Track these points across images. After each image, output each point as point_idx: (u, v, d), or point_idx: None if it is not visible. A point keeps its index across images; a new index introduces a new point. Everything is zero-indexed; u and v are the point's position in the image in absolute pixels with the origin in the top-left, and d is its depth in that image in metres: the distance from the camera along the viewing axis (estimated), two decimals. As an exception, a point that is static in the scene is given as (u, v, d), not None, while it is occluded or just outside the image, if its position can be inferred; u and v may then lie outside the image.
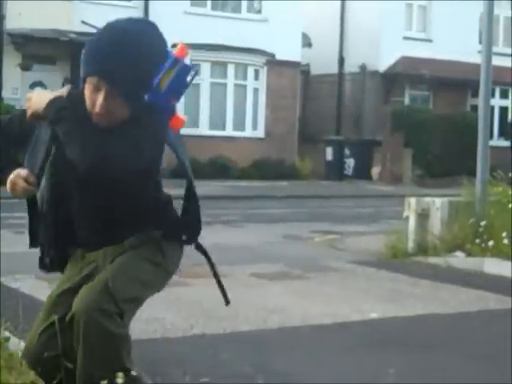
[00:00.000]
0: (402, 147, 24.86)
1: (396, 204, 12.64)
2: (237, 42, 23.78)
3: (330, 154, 25.91)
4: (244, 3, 25.18)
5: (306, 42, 26.80)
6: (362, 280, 8.22)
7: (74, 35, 21.46)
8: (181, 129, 3.18)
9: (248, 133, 24.92)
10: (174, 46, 3.08)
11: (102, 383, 2.92)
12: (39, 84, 22.29)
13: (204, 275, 7.31)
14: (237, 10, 24.98)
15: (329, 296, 7.30)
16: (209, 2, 24.56)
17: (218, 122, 24.39)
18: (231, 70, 24.56)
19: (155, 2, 22.98)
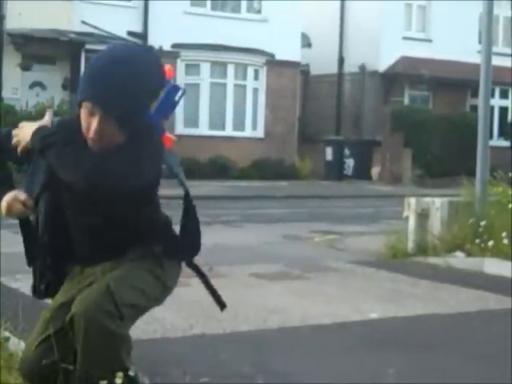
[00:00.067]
0: (401, 147, 24.86)
1: (396, 204, 12.63)
2: (236, 42, 23.78)
3: (329, 154, 25.91)
4: (244, 3, 25.17)
5: (305, 42, 26.80)
6: (362, 280, 8.22)
7: (73, 35, 21.47)
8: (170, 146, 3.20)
9: (248, 133, 24.91)
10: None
11: (101, 383, 2.92)
12: (39, 84, 22.31)
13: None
14: (236, 10, 24.97)
15: (328, 296, 7.30)
16: (208, 2, 24.54)
17: (217, 122, 24.39)
18: (231, 70, 24.55)
19: (155, 2, 22.97)
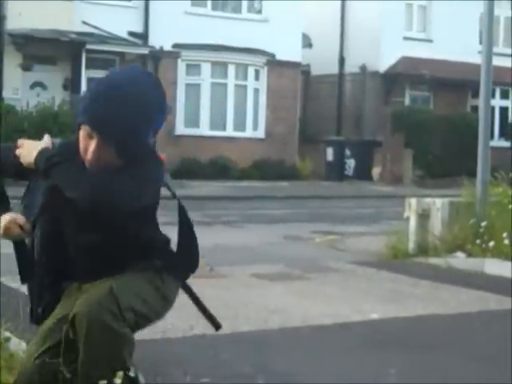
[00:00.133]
0: (402, 148, 24.86)
1: (396, 204, 12.63)
2: (237, 42, 23.78)
3: (330, 154, 25.91)
4: (244, 3, 25.16)
5: (306, 43, 26.79)
6: (363, 280, 8.22)
7: (74, 35, 21.47)
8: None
9: (248, 133, 24.91)
10: None
11: (100, 383, 2.92)
12: (40, 84, 22.31)
13: (204, 275, 7.32)
14: (237, 10, 24.97)
15: (329, 296, 7.30)
16: (209, 2, 24.54)
17: (218, 122, 24.38)
18: (232, 70, 24.54)
19: (155, 2, 22.97)
